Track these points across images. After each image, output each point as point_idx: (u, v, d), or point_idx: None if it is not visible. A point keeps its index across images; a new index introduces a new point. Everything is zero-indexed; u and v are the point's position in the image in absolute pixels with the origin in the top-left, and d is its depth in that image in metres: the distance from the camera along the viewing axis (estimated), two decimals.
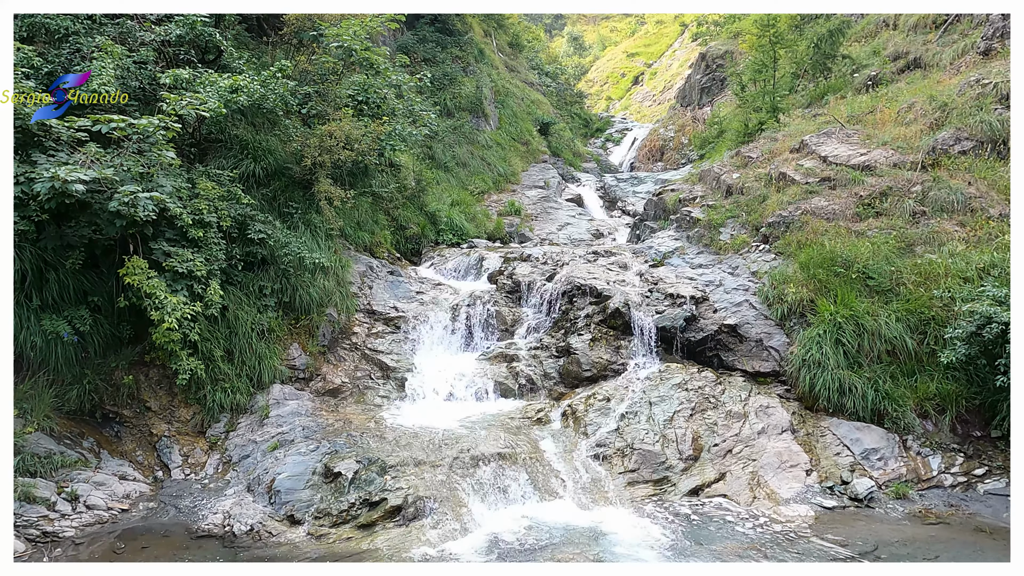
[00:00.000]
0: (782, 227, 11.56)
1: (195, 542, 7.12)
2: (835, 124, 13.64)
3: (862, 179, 11.53)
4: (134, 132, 7.97)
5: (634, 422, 9.21)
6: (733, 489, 8.35)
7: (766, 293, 10.59)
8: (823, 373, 9.16)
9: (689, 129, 31.16)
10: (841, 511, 7.97)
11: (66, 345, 8.24)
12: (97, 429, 8.74)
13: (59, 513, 7.20)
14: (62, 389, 8.40)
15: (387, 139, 11.84)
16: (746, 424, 9.16)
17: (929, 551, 6.95)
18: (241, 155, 10.61)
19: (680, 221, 14.33)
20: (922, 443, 8.71)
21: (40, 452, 7.68)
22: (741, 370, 10.26)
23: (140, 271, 7.87)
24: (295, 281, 10.29)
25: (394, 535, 7.17)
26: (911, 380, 8.98)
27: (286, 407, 9.42)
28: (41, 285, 8.12)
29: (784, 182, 12.53)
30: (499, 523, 7.44)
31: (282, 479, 7.92)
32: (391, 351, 10.96)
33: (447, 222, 16.23)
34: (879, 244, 10.05)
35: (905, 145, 11.87)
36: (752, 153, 14.69)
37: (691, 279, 11.71)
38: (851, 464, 8.62)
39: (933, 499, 8.14)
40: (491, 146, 22.46)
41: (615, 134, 38.54)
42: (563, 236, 18.32)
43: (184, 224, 8.42)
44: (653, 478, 8.51)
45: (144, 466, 8.59)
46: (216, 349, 9.14)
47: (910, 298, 9.35)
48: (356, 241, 13.01)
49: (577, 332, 11.03)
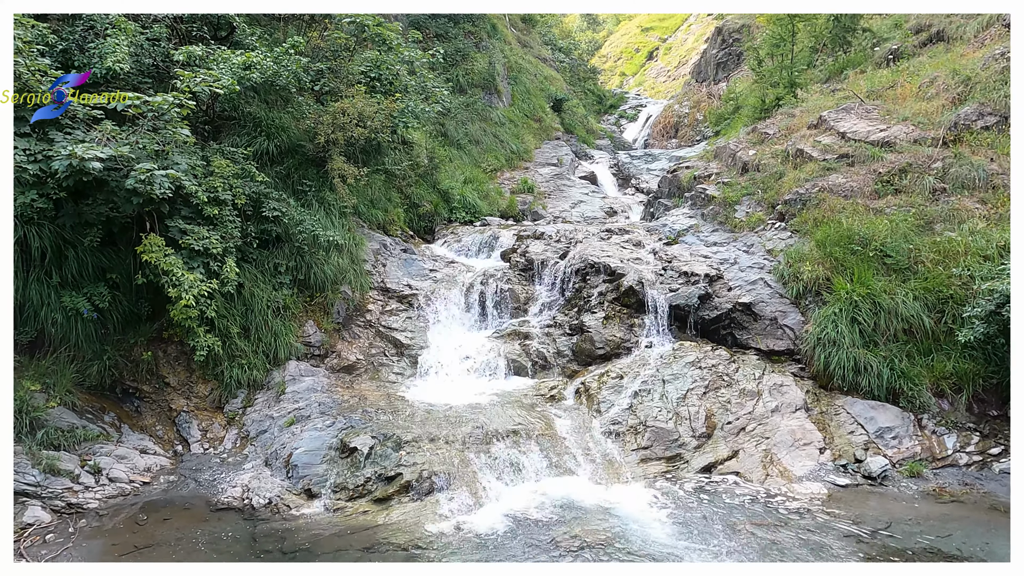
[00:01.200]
0: (798, 205, 11.44)
1: (215, 514, 7.26)
2: (854, 99, 13.40)
3: (881, 155, 11.34)
4: (149, 110, 7.99)
5: (647, 400, 9.23)
6: (746, 466, 8.38)
7: (781, 271, 10.52)
8: (838, 351, 9.12)
9: (704, 105, 30.74)
10: (854, 489, 7.98)
11: (86, 321, 8.37)
12: (118, 404, 8.90)
13: (83, 485, 7.37)
14: (83, 365, 8.54)
15: (400, 116, 11.78)
16: (760, 402, 9.16)
17: (942, 529, 6.96)
18: (255, 133, 10.62)
19: (695, 199, 14.21)
20: (937, 422, 8.67)
21: (63, 426, 7.83)
22: (755, 348, 10.23)
23: (157, 248, 7.93)
24: (310, 259, 10.35)
25: (409, 509, 7.27)
26: (928, 359, 8.91)
27: (302, 383, 9.53)
28: (60, 262, 8.22)
29: (801, 159, 12.36)
30: (513, 498, 7.53)
31: (299, 454, 8.04)
32: (405, 328, 11.02)
33: (460, 200, 16.19)
34: (897, 221, 9.92)
35: (926, 121, 11.64)
36: (769, 129, 14.49)
37: (705, 257, 11.64)
38: (865, 442, 8.60)
39: (948, 478, 8.13)
40: (504, 123, 22.30)
41: (629, 111, 38.11)
42: (576, 214, 18.23)
43: (199, 202, 8.47)
44: (666, 455, 8.55)
45: (164, 440, 8.74)
46: (232, 326, 9.24)
47: (928, 276, 9.25)
48: (369, 219, 13.03)
49: (590, 310, 11.03)
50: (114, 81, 8.86)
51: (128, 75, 9.08)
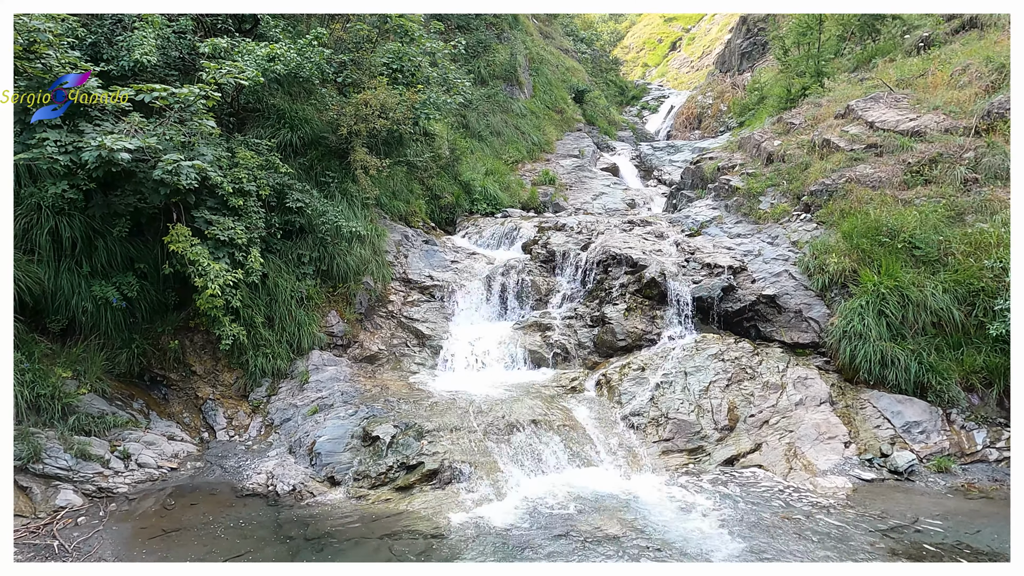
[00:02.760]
0: (825, 195, 11.26)
1: (240, 500, 7.38)
2: (883, 88, 13.13)
3: (911, 145, 11.11)
4: (175, 101, 8.08)
5: (669, 392, 9.18)
6: (769, 460, 8.30)
7: (806, 263, 10.37)
8: (864, 345, 8.98)
9: (728, 96, 30.35)
10: (880, 484, 7.87)
11: (115, 310, 8.53)
12: (146, 391, 9.07)
13: (112, 470, 7.53)
14: (112, 352, 8.71)
15: (421, 107, 11.80)
16: (783, 395, 9.06)
17: (970, 525, 6.84)
18: (278, 124, 10.71)
19: (718, 190, 14.05)
20: (967, 417, 8.51)
21: (94, 412, 8.00)
22: (779, 341, 10.11)
23: (184, 239, 8.05)
24: (332, 249, 10.43)
25: (431, 498, 7.32)
26: (957, 353, 8.74)
27: (325, 373, 9.63)
28: (90, 252, 8.39)
29: (828, 149, 12.16)
30: (534, 489, 7.54)
31: (322, 442, 8.13)
32: (426, 319, 11.07)
33: (481, 191, 16.18)
34: (927, 213, 9.72)
35: (958, 109, 11.38)
36: (794, 119, 14.27)
37: (729, 249, 11.52)
38: (891, 437, 8.48)
39: (977, 473, 7.98)
40: (525, 114, 22.22)
41: (651, 102, 37.74)
42: (598, 206, 18.13)
43: (225, 193, 8.57)
44: (688, 447, 8.51)
45: (191, 427, 8.90)
46: (257, 315, 9.36)
47: (959, 268, 9.06)
48: (391, 210, 13.09)
49: (612, 302, 10.98)
50: (141, 74, 9.00)
51: (155, 67, 9.21)
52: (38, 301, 8.12)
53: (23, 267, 7.88)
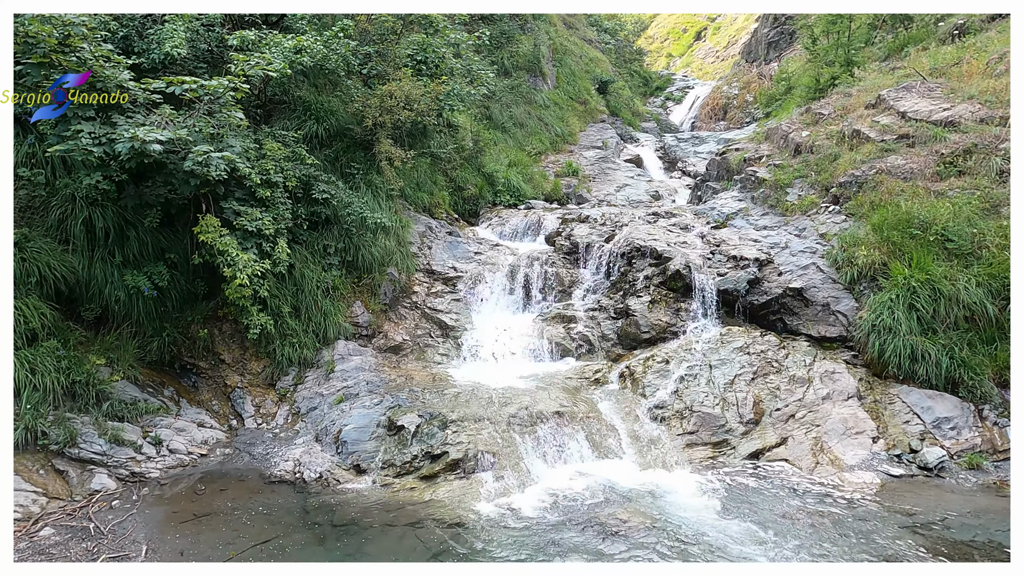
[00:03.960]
0: (854, 187, 11.07)
1: (268, 486, 7.51)
2: (916, 77, 12.84)
3: (944, 136, 10.86)
4: (205, 93, 8.19)
5: (693, 384, 9.13)
6: (795, 454, 8.23)
7: (835, 256, 10.22)
8: (894, 339, 8.84)
9: (755, 86, 29.89)
10: (909, 479, 7.76)
11: (146, 299, 8.71)
12: (176, 379, 9.26)
13: (145, 455, 7.70)
14: (144, 341, 8.90)
15: (445, 99, 11.81)
16: (810, 389, 8.96)
17: (1002, 523, 6.70)
18: (304, 116, 10.80)
19: (744, 181, 13.88)
20: (1000, 413, 8.35)
21: (126, 399, 8.19)
22: (806, 335, 9.99)
23: (213, 229, 8.17)
24: (357, 240, 10.52)
25: (455, 487, 7.38)
26: (990, 348, 8.57)
27: (350, 362, 9.73)
28: (123, 242, 8.56)
29: (858, 140, 11.94)
30: (557, 479, 7.57)
31: (348, 430, 8.23)
32: (450, 310, 11.13)
33: (504, 183, 16.17)
34: (960, 205, 9.51)
35: (994, 99, 11.09)
36: (823, 110, 14.02)
37: (755, 241, 11.38)
38: (921, 432, 8.35)
39: (1009, 471, 7.82)
40: (548, 106, 22.13)
41: (676, 92, 37.33)
42: (621, 197, 18.02)
43: (253, 184, 8.69)
44: (712, 441, 8.46)
45: (219, 415, 9.06)
46: (284, 305, 9.49)
47: (993, 262, 8.85)
48: (415, 202, 13.15)
49: (636, 294, 10.93)
50: (171, 66, 9.14)
51: (185, 60, 9.34)
52: (72, 290, 8.32)
53: (58, 257, 8.08)
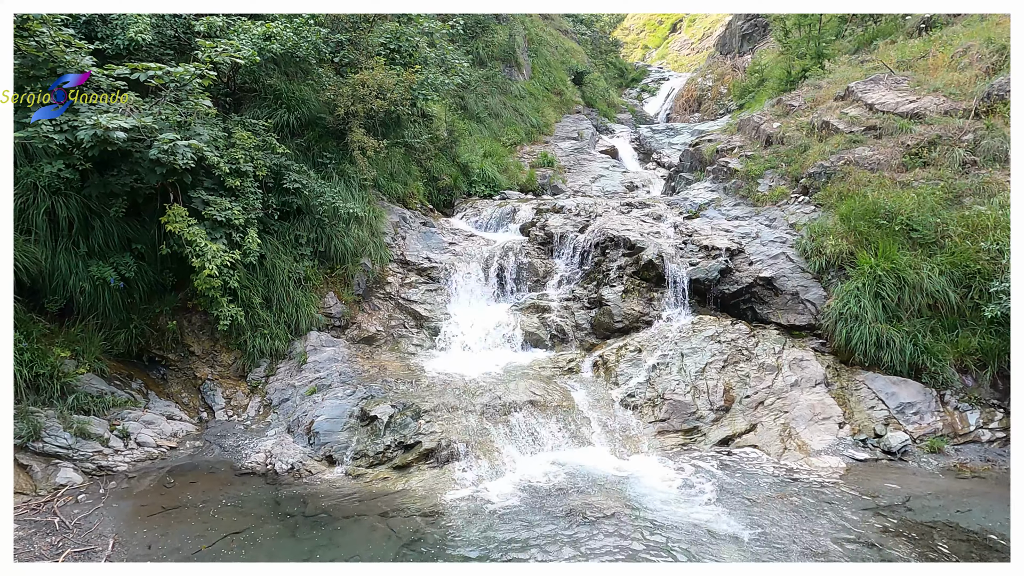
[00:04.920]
0: (823, 178, 11.24)
1: (239, 479, 7.45)
2: (883, 70, 13.06)
3: (910, 127, 11.08)
4: (171, 80, 8.04)
5: (665, 373, 9.23)
6: (764, 440, 8.37)
7: (804, 246, 10.38)
8: (860, 327, 9.02)
9: (728, 78, 30.12)
10: (873, 463, 7.95)
11: (113, 290, 8.54)
12: (144, 372, 9.11)
13: (112, 449, 7.59)
14: (111, 333, 8.74)
15: (419, 88, 11.73)
16: (779, 376, 9.12)
17: (961, 504, 6.92)
18: (275, 105, 10.65)
19: (717, 172, 14.02)
20: (960, 398, 8.58)
21: (93, 392, 8.04)
22: (776, 323, 10.15)
23: (181, 219, 8.04)
24: (330, 231, 10.42)
25: (428, 476, 7.39)
26: (952, 335, 8.79)
27: (323, 353, 9.66)
28: (87, 232, 8.38)
29: (827, 131, 12.12)
30: (531, 467, 7.61)
31: (320, 421, 8.19)
32: (424, 301, 11.10)
33: (479, 173, 16.13)
34: (925, 195, 9.72)
35: (958, 92, 11.33)
36: (794, 101, 14.20)
37: (727, 231, 11.51)
38: (885, 418, 8.55)
39: (969, 454, 8.06)
40: (524, 96, 22.08)
41: (651, 84, 37.45)
42: (596, 188, 18.09)
43: (221, 173, 8.56)
44: (683, 428, 8.57)
45: (189, 407, 8.95)
46: (255, 296, 9.38)
47: (955, 251, 9.07)
48: (389, 192, 13.05)
49: (609, 284, 11.00)
50: (136, 52, 8.94)
51: (150, 46, 9.15)
52: (35, 281, 8.12)
53: (20, 247, 7.87)
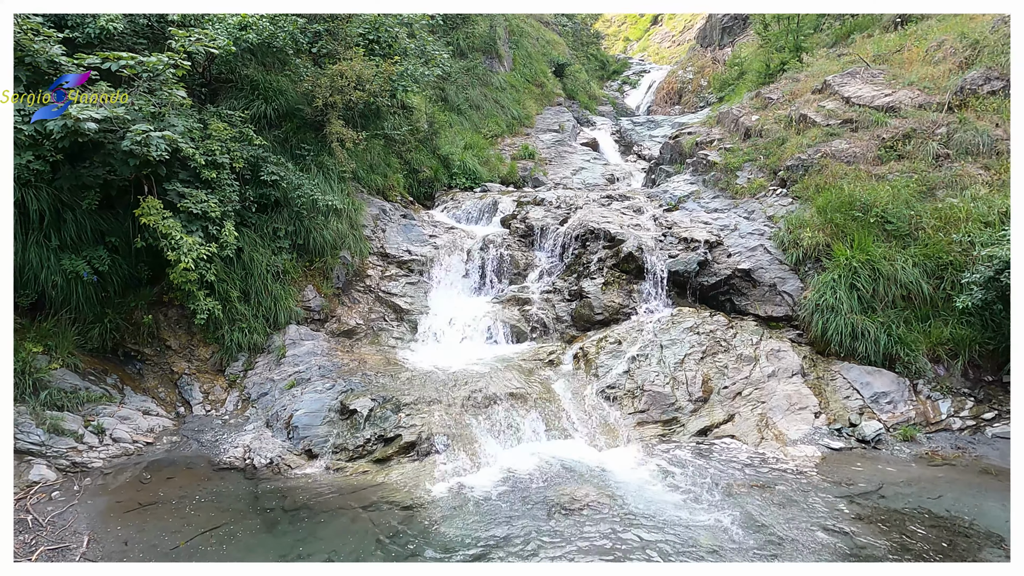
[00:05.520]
0: (800, 171, 11.36)
1: (217, 474, 7.39)
2: (860, 64, 13.20)
3: (885, 121, 11.22)
4: (144, 70, 7.90)
5: (645, 364, 9.30)
6: (741, 430, 8.47)
7: (781, 238, 10.50)
8: (836, 318, 9.15)
9: (709, 71, 30.28)
10: (848, 452, 8.09)
11: (86, 284, 8.40)
12: (120, 366, 8.98)
13: (87, 445, 7.47)
14: (84, 327, 8.60)
15: (399, 79, 11.65)
16: (756, 367, 9.22)
17: (933, 491, 7.07)
18: (252, 96, 10.52)
19: (696, 165, 14.10)
20: (933, 387, 8.75)
21: (66, 387, 7.91)
22: (753, 315, 10.26)
23: (155, 211, 7.92)
24: (309, 223, 10.33)
25: (408, 469, 7.39)
26: (925, 325, 8.95)
27: (302, 347, 9.59)
28: (59, 225, 8.22)
29: (804, 124, 12.24)
30: (511, 459, 7.64)
31: (299, 415, 8.14)
32: (404, 294, 11.05)
33: (460, 166, 16.07)
34: (899, 188, 9.87)
35: (932, 85, 11.49)
36: (773, 94, 14.31)
37: (706, 223, 11.60)
38: (860, 407, 8.69)
39: (940, 442, 8.23)
40: (505, 88, 22.02)
41: (632, 76, 37.50)
42: (577, 180, 18.11)
43: (197, 165, 8.44)
44: (663, 419, 8.65)
45: (166, 402, 8.84)
46: (232, 290, 9.27)
47: (928, 243, 9.23)
48: (369, 184, 12.96)
49: (590, 276, 11.04)
50: (108, 42, 8.76)
51: (122, 35, 8.97)
52: None
53: None
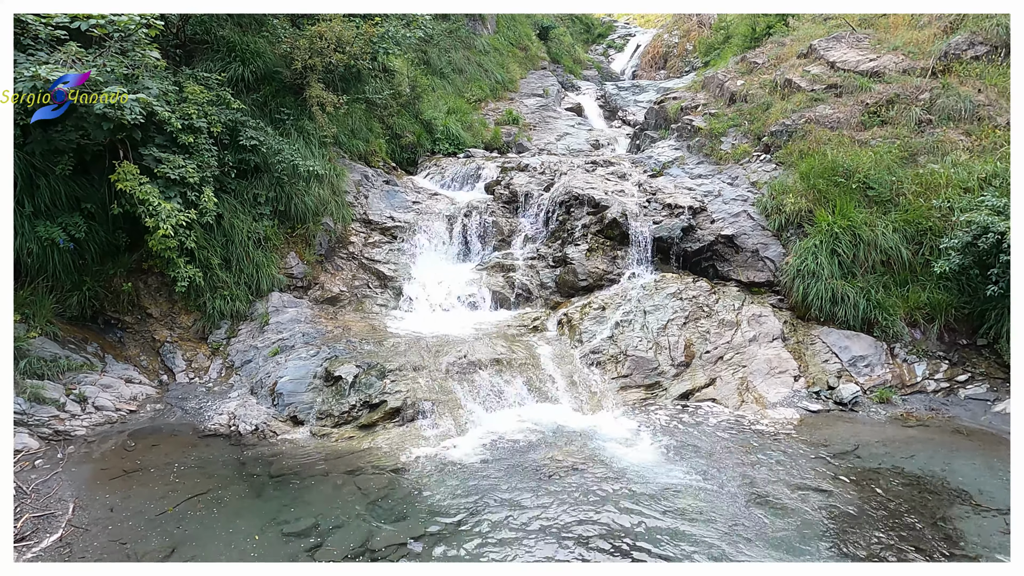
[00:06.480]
0: (784, 136, 11.36)
1: (203, 440, 7.39)
2: (846, 28, 13.12)
3: (870, 86, 11.21)
4: (115, 30, 7.63)
5: (628, 330, 9.37)
6: (722, 394, 8.62)
7: (765, 204, 10.54)
8: (816, 283, 9.26)
9: (695, 35, 29.92)
10: (826, 414, 8.27)
11: (62, 252, 8.25)
12: (100, 335, 8.89)
13: (69, 413, 7.43)
14: (62, 295, 8.47)
15: (380, 42, 11.39)
16: (738, 332, 9.34)
17: (907, 451, 7.26)
18: (228, 58, 10.26)
19: (681, 130, 14.04)
20: (909, 351, 8.92)
21: (46, 356, 7.83)
22: (736, 280, 10.35)
23: (132, 177, 7.76)
24: (289, 189, 10.18)
25: (394, 435, 7.44)
26: (903, 290, 9.09)
27: (285, 314, 9.55)
28: (32, 191, 8.03)
29: (789, 89, 12.20)
30: (496, 424, 7.72)
31: (284, 382, 8.14)
32: (388, 260, 11.00)
33: (443, 131, 15.86)
34: (882, 154, 9.91)
35: (917, 50, 11.48)
36: (758, 59, 14.21)
37: (690, 189, 11.60)
38: (838, 371, 8.86)
39: (915, 403, 8.43)
40: (488, 51, 21.63)
41: (617, 40, 36.99)
42: (562, 146, 17.97)
43: (173, 129, 8.25)
44: (645, 383, 8.76)
45: (149, 370, 8.79)
46: (213, 257, 9.16)
47: (909, 208, 9.32)
48: (350, 149, 12.77)
49: (574, 242, 11.04)
50: None
51: None
52: None
53: None
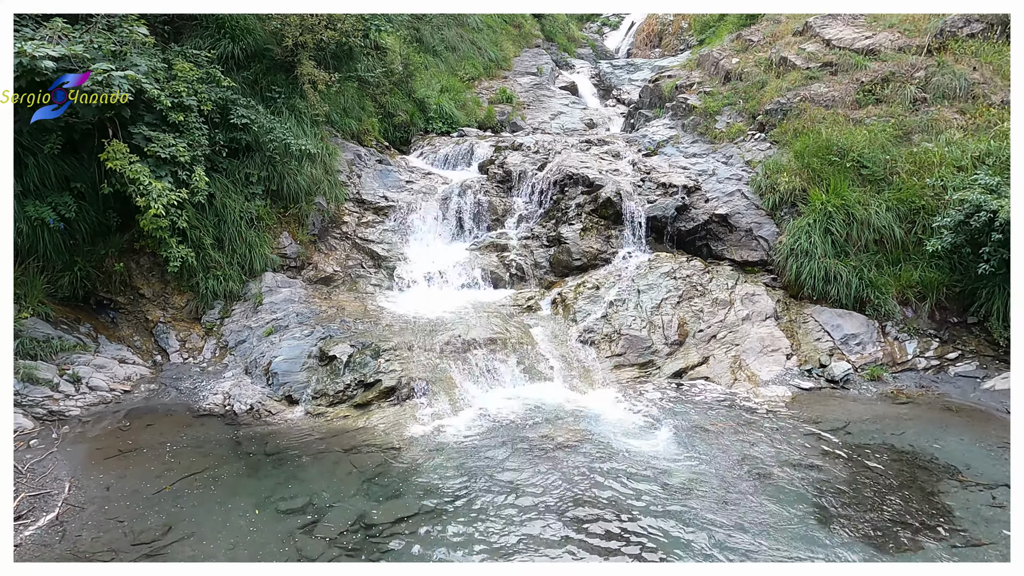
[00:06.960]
0: (779, 115, 11.31)
1: (198, 420, 7.41)
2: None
3: (865, 64, 11.16)
4: None
5: (622, 309, 9.40)
6: (715, 372, 8.67)
7: (759, 183, 10.52)
8: (810, 262, 9.29)
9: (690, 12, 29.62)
10: (817, 392, 8.34)
11: (53, 232, 8.20)
12: (93, 315, 8.86)
13: (63, 394, 7.43)
14: (54, 276, 8.43)
15: (372, 18, 11.25)
16: (731, 311, 9.38)
17: (897, 427, 7.35)
18: (218, 35, 10.10)
19: (676, 109, 13.96)
20: (900, 329, 8.99)
21: (38, 336, 7.81)
22: (730, 259, 10.37)
23: (121, 156, 7.68)
24: (282, 169, 10.11)
25: (389, 413, 7.48)
26: (895, 268, 9.13)
27: (279, 294, 9.52)
28: (20, 171, 7.93)
29: (784, 67, 12.12)
30: (490, 403, 7.76)
31: (278, 362, 8.14)
32: (382, 240, 10.96)
33: (436, 110, 15.70)
34: (876, 132, 9.89)
35: (912, 28, 11.42)
36: (753, 36, 14.10)
37: (684, 168, 11.57)
38: (830, 349, 8.92)
39: (906, 381, 8.51)
40: (482, 29, 21.38)
41: (612, 18, 36.61)
42: (556, 125, 17.84)
43: (163, 107, 8.15)
44: (639, 362, 8.81)
45: (143, 351, 8.78)
46: (206, 237, 9.11)
47: (902, 187, 9.33)
48: (343, 128, 12.64)
49: (568, 222, 11.01)
50: None
51: None
52: None
53: None
